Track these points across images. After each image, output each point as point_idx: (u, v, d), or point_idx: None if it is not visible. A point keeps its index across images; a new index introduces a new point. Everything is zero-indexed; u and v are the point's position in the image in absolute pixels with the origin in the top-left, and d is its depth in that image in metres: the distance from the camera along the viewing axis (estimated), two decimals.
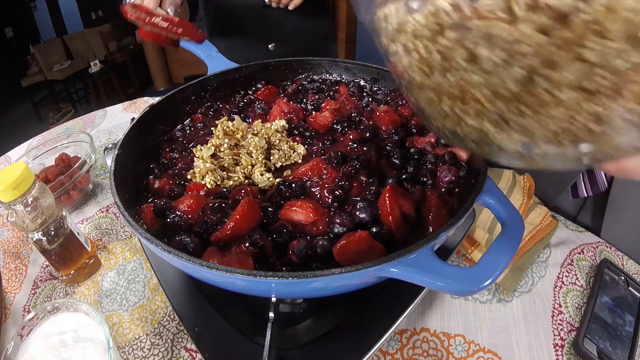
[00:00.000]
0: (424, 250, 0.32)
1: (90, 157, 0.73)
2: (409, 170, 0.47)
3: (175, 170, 0.49)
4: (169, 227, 0.40)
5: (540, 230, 0.61)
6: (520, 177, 0.66)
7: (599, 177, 0.65)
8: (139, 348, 0.51)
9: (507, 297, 0.55)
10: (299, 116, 0.58)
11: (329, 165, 0.46)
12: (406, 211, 0.40)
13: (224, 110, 0.62)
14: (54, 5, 4.18)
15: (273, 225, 0.39)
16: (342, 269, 0.30)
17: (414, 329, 0.52)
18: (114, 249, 0.65)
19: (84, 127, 1.03)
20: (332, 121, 0.55)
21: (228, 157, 0.48)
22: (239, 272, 0.30)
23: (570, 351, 0.49)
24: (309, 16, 1.05)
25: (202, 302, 0.47)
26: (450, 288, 0.30)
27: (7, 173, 0.48)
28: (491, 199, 0.38)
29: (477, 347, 0.50)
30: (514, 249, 0.34)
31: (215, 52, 0.71)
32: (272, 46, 1.04)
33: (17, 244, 0.68)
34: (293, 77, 0.70)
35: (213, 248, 0.37)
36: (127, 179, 0.46)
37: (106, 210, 0.73)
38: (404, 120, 0.57)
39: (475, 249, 0.60)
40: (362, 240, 0.35)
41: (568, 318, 0.53)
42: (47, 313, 0.46)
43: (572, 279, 0.57)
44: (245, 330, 0.44)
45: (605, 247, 0.62)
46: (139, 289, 0.58)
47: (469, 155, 0.49)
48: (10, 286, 0.60)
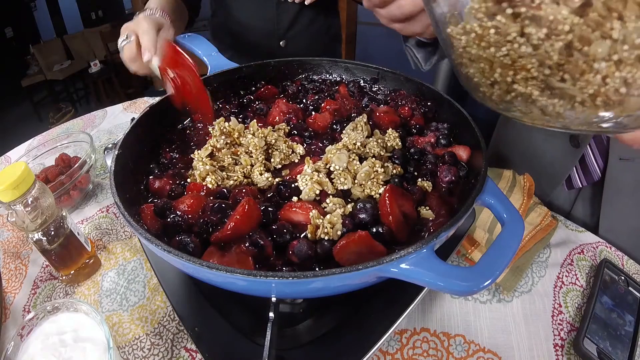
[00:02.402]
0: (424, 250, 0.32)
1: (90, 157, 0.73)
2: (409, 170, 0.47)
3: (175, 170, 0.49)
4: (169, 227, 0.40)
5: (540, 230, 0.61)
6: (520, 177, 0.66)
7: (592, 167, 0.67)
8: (139, 348, 0.51)
9: (507, 297, 0.55)
10: (298, 116, 0.58)
11: None
12: (406, 211, 0.40)
13: (224, 110, 0.62)
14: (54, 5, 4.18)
15: (273, 226, 0.39)
16: (342, 269, 0.30)
17: (414, 329, 0.52)
18: (114, 249, 0.65)
19: (84, 127, 1.03)
20: (331, 121, 0.55)
21: (226, 157, 0.48)
22: (239, 272, 0.30)
23: (570, 351, 0.49)
24: (321, 15, 1.05)
25: (202, 302, 0.47)
26: (450, 288, 0.30)
27: (7, 173, 0.48)
28: (491, 199, 0.38)
29: (477, 347, 0.50)
30: (514, 249, 0.34)
31: (216, 52, 0.71)
32: (284, 43, 1.03)
33: (17, 244, 0.68)
34: (293, 77, 0.70)
35: (213, 248, 0.37)
36: (127, 179, 0.46)
37: (106, 210, 0.73)
38: (404, 120, 0.57)
39: (475, 249, 0.60)
40: (362, 240, 0.35)
41: (568, 318, 0.53)
42: (47, 313, 0.46)
43: (572, 279, 0.58)
44: (245, 330, 0.44)
45: (605, 247, 0.62)
46: (139, 289, 0.58)
47: (469, 155, 0.49)
48: (10, 286, 0.60)
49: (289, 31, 1.02)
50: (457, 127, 0.53)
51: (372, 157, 0.47)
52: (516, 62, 0.27)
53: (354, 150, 0.47)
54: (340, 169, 0.44)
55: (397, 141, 0.50)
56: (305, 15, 1.01)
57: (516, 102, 0.30)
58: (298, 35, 1.03)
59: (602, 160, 0.66)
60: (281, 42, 1.03)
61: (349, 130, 0.51)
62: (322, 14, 1.05)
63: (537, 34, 0.25)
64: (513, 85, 0.29)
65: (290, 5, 0.97)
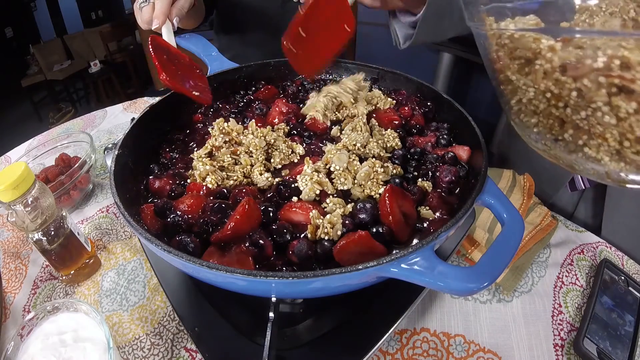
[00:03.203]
0: (424, 250, 0.32)
1: (90, 157, 0.73)
2: (409, 170, 0.47)
3: (175, 170, 0.49)
4: (169, 227, 0.40)
5: (540, 230, 0.61)
6: (520, 177, 0.66)
7: None
8: (139, 348, 0.51)
9: (507, 297, 0.55)
10: (297, 116, 0.58)
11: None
12: (406, 211, 0.40)
13: (224, 110, 0.62)
14: (54, 5, 4.18)
15: (273, 226, 0.39)
16: (342, 269, 0.30)
17: (414, 329, 0.52)
18: (114, 249, 0.65)
19: (84, 127, 1.03)
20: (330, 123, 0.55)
21: (226, 157, 0.48)
22: (239, 272, 0.30)
23: (570, 351, 0.49)
24: None
25: (202, 302, 0.47)
26: (450, 288, 0.30)
27: (7, 173, 0.48)
28: (491, 199, 0.38)
29: (477, 347, 0.50)
30: (514, 249, 0.34)
31: (216, 52, 0.71)
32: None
33: (17, 244, 0.68)
34: (293, 77, 0.70)
35: (213, 248, 0.37)
36: (127, 179, 0.46)
37: (106, 210, 0.73)
38: (404, 120, 0.57)
39: (475, 249, 0.60)
40: (362, 241, 0.35)
41: (568, 318, 0.53)
42: (47, 313, 0.46)
43: (572, 279, 0.58)
44: (245, 330, 0.44)
45: (605, 247, 0.62)
46: (139, 289, 0.58)
47: (469, 155, 0.49)
48: (10, 286, 0.60)
49: None
50: (457, 127, 0.53)
51: (372, 157, 0.47)
52: (594, 127, 0.26)
53: (354, 151, 0.47)
54: (341, 169, 0.44)
55: (396, 141, 0.50)
56: None
57: (577, 159, 0.30)
58: None
59: None
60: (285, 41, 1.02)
61: (348, 130, 0.51)
62: None
63: (626, 107, 0.24)
64: (584, 148, 0.28)
65: (296, 4, 0.97)
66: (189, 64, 0.59)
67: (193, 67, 0.60)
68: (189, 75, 0.57)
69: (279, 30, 1.00)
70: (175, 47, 0.59)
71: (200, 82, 0.58)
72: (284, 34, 0.52)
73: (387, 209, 0.38)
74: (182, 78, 0.55)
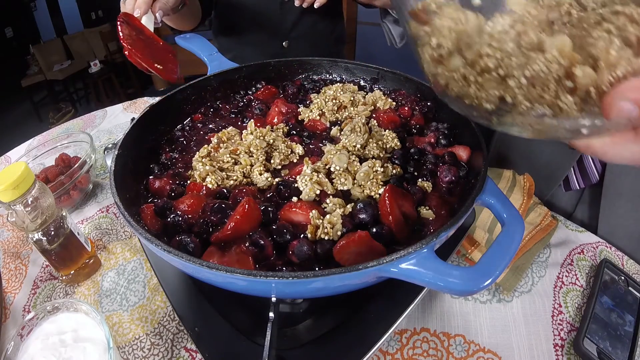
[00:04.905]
0: (424, 250, 0.32)
1: (90, 157, 0.73)
2: (409, 170, 0.47)
3: (175, 170, 0.49)
4: (169, 227, 0.40)
5: (540, 230, 0.61)
6: (520, 177, 0.66)
7: (590, 169, 0.67)
8: (139, 348, 0.51)
9: (507, 297, 0.55)
10: (297, 117, 0.58)
11: None
12: (406, 211, 0.40)
13: (224, 110, 0.62)
14: (54, 5, 4.18)
15: (273, 226, 0.39)
16: (342, 269, 0.30)
17: (414, 329, 0.52)
18: (114, 249, 0.65)
19: (84, 127, 1.03)
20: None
21: (225, 157, 0.48)
22: (239, 272, 0.30)
23: (570, 351, 0.49)
24: (324, 17, 1.04)
25: (202, 302, 0.47)
26: (450, 288, 0.30)
27: (7, 173, 0.48)
28: (491, 199, 0.38)
29: (477, 347, 0.50)
30: (514, 249, 0.34)
31: (216, 52, 0.71)
32: (287, 43, 1.03)
33: (17, 244, 0.68)
34: (293, 77, 0.70)
35: (213, 248, 0.37)
36: (127, 179, 0.46)
37: (106, 210, 0.73)
38: (404, 120, 0.57)
39: (475, 249, 0.60)
40: (362, 241, 0.35)
41: (568, 318, 0.53)
42: (47, 313, 0.46)
43: (572, 279, 0.58)
44: (245, 330, 0.44)
45: (605, 247, 0.62)
46: (139, 289, 0.58)
47: (469, 155, 0.49)
48: (10, 286, 0.60)
49: (292, 32, 1.02)
50: (457, 127, 0.53)
51: (371, 157, 0.47)
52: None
53: (353, 152, 0.47)
54: (341, 170, 0.44)
55: (395, 142, 0.50)
56: (309, 17, 1.01)
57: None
58: (301, 37, 1.03)
59: (601, 164, 0.65)
60: (284, 42, 1.02)
61: (347, 132, 0.51)
62: (326, 16, 1.05)
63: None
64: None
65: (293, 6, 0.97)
66: (163, 47, 0.62)
67: (166, 50, 0.62)
68: (160, 56, 0.60)
69: (277, 30, 1.01)
70: (151, 31, 0.62)
71: (171, 64, 0.61)
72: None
73: (387, 209, 0.38)
74: (151, 56, 0.58)
